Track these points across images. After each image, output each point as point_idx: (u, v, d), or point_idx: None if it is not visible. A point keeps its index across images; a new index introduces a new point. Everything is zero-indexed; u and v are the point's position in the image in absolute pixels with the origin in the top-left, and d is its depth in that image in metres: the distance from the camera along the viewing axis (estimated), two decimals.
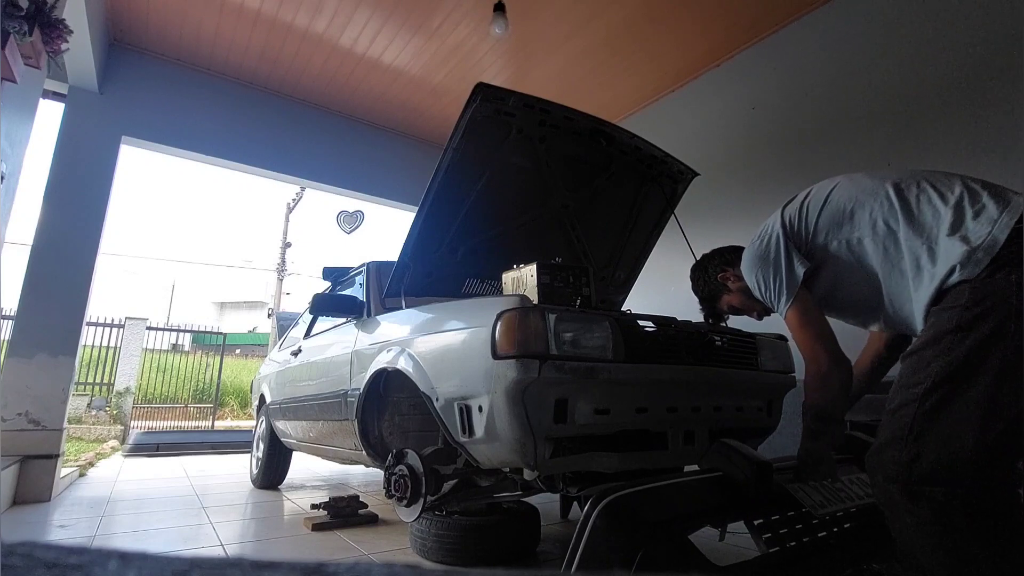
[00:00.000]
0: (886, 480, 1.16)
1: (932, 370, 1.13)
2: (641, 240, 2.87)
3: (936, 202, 1.25)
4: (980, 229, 1.16)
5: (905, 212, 1.28)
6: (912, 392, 1.15)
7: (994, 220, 1.15)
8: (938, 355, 1.14)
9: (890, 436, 1.17)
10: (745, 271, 1.58)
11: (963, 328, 1.12)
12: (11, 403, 3.14)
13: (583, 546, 1.13)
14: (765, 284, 1.49)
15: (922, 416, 1.12)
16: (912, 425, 1.13)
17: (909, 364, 1.20)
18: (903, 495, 1.12)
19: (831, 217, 1.41)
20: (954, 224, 1.20)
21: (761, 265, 1.49)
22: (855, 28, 3.18)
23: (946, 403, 1.11)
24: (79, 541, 2.32)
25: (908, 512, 1.12)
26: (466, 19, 3.60)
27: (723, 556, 1.64)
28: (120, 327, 8.14)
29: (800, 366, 2.25)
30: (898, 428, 1.15)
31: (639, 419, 1.65)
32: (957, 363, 1.11)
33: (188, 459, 5.27)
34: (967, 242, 1.17)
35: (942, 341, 1.14)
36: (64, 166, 3.54)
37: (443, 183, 2.09)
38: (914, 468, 1.11)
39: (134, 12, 3.62)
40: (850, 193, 1.41)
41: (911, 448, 1.12)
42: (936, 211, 1.24)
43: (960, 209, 1.21)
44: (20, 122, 1.95)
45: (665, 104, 4.43)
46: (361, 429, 2.26)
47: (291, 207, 16.14)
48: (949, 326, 1.14)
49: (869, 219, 1.34)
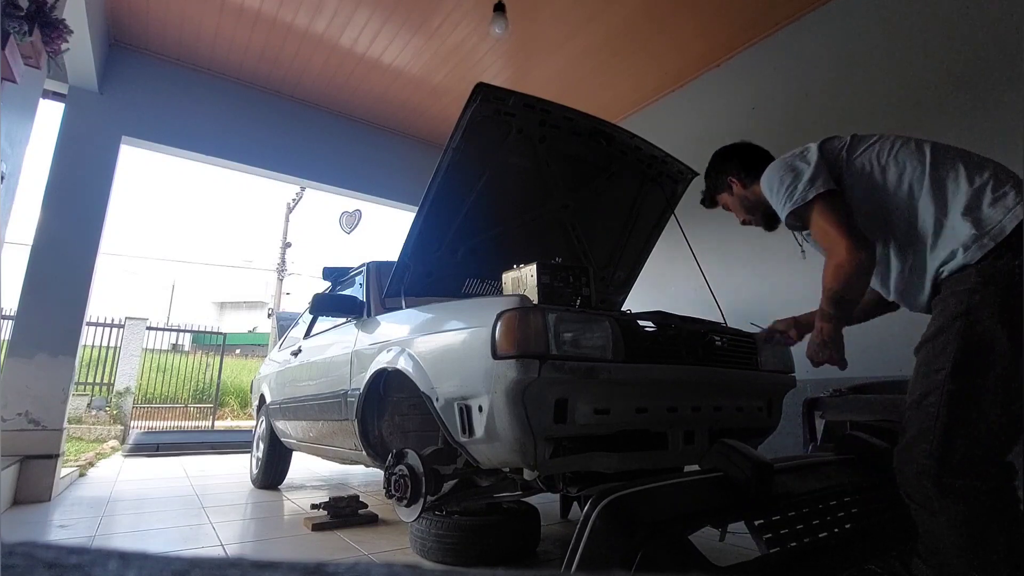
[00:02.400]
0: (919, 475, 1.14)
1: (949, 354, 1.13)
2: (641, 240, 2.87)
3: (961, 179, 1.25)
4: (994, 215, 1.17)
5: (934, 180, 1.27)
6: (935, 379, 1.14)
7: (1008, 209, 1.16)
8: (952, 339, 1.13)
9: (919, 429, 1.15)
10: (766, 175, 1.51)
11: (972, 311, 1.12)
12: (11, 403, 3.13)
13: (583, 546, 1.13)
14: (780, 184, 1.43)
15: (947, 403, 1.11)
16: (939, 414, 1.11)
17: (925, 353, 1.19)
18: (936, 490, 1.10)
19: (864, 167, 1.39)
20: (969, 206, 1.21)
21: (785, 170, 1.44)
22: (855, 28, 3.18)
23: (968, 389, 1.10)
24: (79, 541, 2.32)
25: (943, 509, 1.10)
26: (466, 19, 3.60)
27: (723, 556, 1.64)
28: (120, 327, 8.14)
29: (800, 366, 2.25)
30: (926, 419, 1.14)
31: (639, 419, 1.65)
32: (972, 346, 1.11)
33: (188, 459, 5.27)
34: (978, 225, 1.17)
35: (954, 325, 1.14)
36: (64, 166, 3.54)
37: (443, 183, 2.09)
38: (946, 461, 1.09)
39: (134, 12, 3.62)
40: (887, 149, 1.38)
41: (942, 439, 1.10)
42: (959, 188, 1.24)
43: (980, 192, 1.21)
44: (20, 122, 1.95)
45: (665, 104, 4.43)
46: (361, 429, 2.26)
47: (291, 207, 16.14)
48: (959, 309, 1.14)
49: (897, 178, 1.33)
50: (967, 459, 1.08)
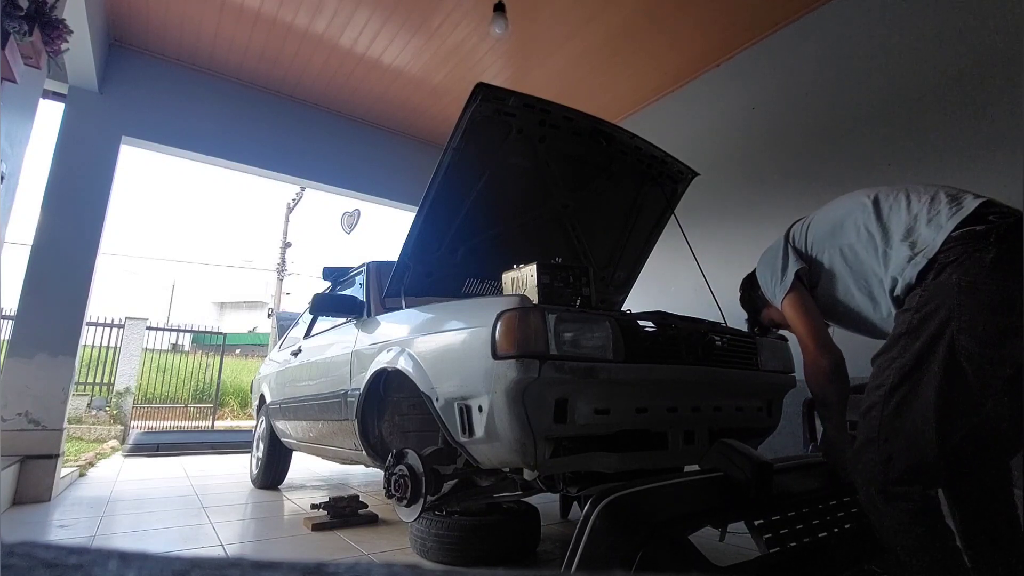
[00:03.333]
0: (866, 482, 1.20)
1: (890, 372, 1.19)
2: (641, 240, 2.87)
3: (902, 210, 1.33)
4: (928, 235, 1.24)
5: (878, 218, 1.36)
6: (876, 395, 1.21)
7: (940, 226, 1.22)
8: (894, 358, 1.20)
9: (865, 439, 1.22)
10: (757, 276, 1.71)
11: (912, 331, 1.18)
12: (11, 403, 3.13)
13: (583, 546, 1.13)
14: (765, 284, 1.61)
15: (888, 417, 1.17)
16: (880, 426, 1.18)
17: (876, 367, 1.26)
18: (881, 497, 1.16)
19: (825, 227, 1.51)
20: (909, 230, 1.28)
21: (763, 268, 1.63)
22: (854, 28, 3.18)
23: (905, 404, 1.16)
24: (79, 541, 2.32)
25: (887, 514, 1.16)
26: (466, 19, 3.60)
27: (723, 556, 1.64)
28: (120, 327, 8.14)
29: (800, 366, 2.25)
30: (870, 430, 1.20)
31: (639, 419, 1.65)
32: (909, 365, 1.16)
33: (188, 459, 5.27)
34: (912, 247, 1.25)
35: (898, 344, 1.20)
36: (64, 166, 3.54)
37: (443, 183, 2.09)
38: (889, 469, 1.15)
39: (134, 12, 3.62)
40: (844, 204, 1.50)
41: (884, 449, 1.17)
42: (900, 218, 1.32)
43: (918, 217, 1.29)
44: (20, 122, 1.95)
45: (664, 105, 4.43)
46: (361, 429, 2.26)
47: (291, 207, 16.14)
48: (902, 329, 1.21)
49: (854, 225, 1.42)
50: (908, 468, 1.13)
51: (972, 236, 1.17)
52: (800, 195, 3.26)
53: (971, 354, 1.09)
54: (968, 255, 1.14)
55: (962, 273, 1.13)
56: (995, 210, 1.21)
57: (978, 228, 1.17)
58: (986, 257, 1.12)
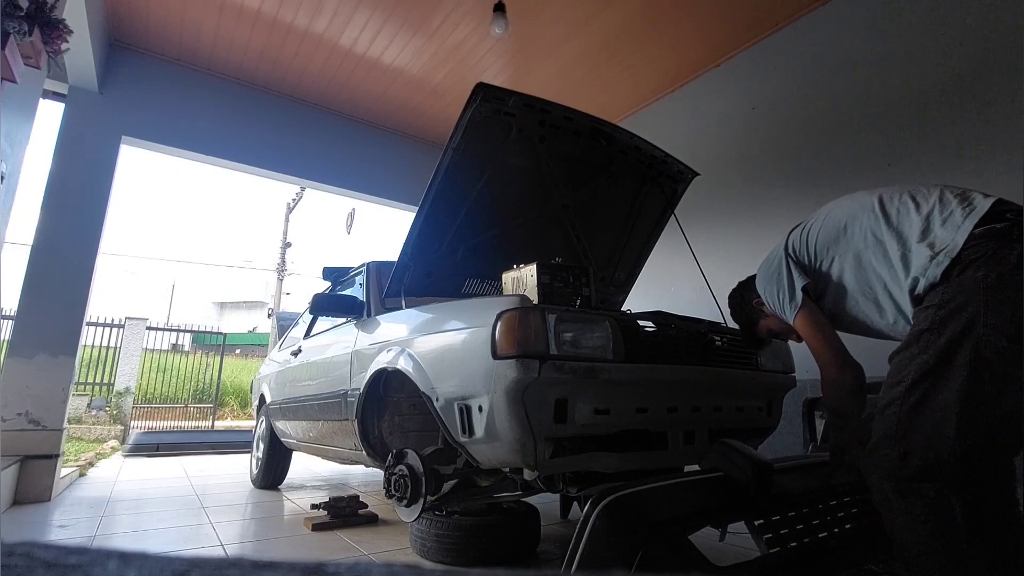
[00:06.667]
0: (880, 478, 1.20)
1: (911, 368, 1.19)
2: (641, 240, 2.87)
3: (912, 212, 1.33)
4: (946, 235, 1.24)
5: (887, 223, 1.36)
6: (896, 391, 1.21)
7: (958, 226, 1.23)
8: (916, 354, 1.19)
9: (881, 435, 1.21)
10: (759, 292, 1.67)
11: (935, 327, 1.18)
12: (11, 403, 3.13)
13: (583, 546, 1.13)
14: (773, 300, 1.58)
15: (906, 413, 1.17)
16: (898, 423, 1.18)
17: (894, 364, 1.26)
18: (895, 493, 1.16)
19: (829, 234, 1.50)
20: (924, 231, 1.28)
21: (767, 283, 1.60)
22: (854, 28, 3.18)
23: (926, 400, 1.15)
24: (79, 541, 2.32)
25: (901, 510, 1.15)
26: (466, 19, 3.60)
27: (723, 556, 1.64)
28: (120, 327, 8.14)
29: (800, 366, 2.26)
30: (887, 426, 1.20)
31: (639, 419, 1.65)
32: (932, 361, 1.16)
33: (188, 459, 5.27)
34: (932, 247, 1.25)
35: (920, 340, 1.20)
36: (64, 166, 3.53)
37: (443, 183, 2.09)
38: (904, 465, 1.15)
39: (134, 12, 3.62)
40: (846, 209, 1.48)
41: (900, 446, 1.16)
42: (911, 220, 1.32)
43: (931, 218, 1.29)
44: (20, 122, 1.95)
45: (664, 105, 4.43)
46: (361, 429, 2.26)
47: (291, 207, 16.14)
48: (924, 326, 1.20)
49: (861, 231, 1.41)
50: (925, 465, 1.13)
51: (995, 234, 1.18)
52: (800, 195, 3.26)
53: (999, 349, 1.10)
54: (993, 252, 1.16)
55: (988, 270, 1.14)
56: (1008, 207, 1.23)
57: (999, 226, 1.18)
58: (1011, 253, 1.14)
